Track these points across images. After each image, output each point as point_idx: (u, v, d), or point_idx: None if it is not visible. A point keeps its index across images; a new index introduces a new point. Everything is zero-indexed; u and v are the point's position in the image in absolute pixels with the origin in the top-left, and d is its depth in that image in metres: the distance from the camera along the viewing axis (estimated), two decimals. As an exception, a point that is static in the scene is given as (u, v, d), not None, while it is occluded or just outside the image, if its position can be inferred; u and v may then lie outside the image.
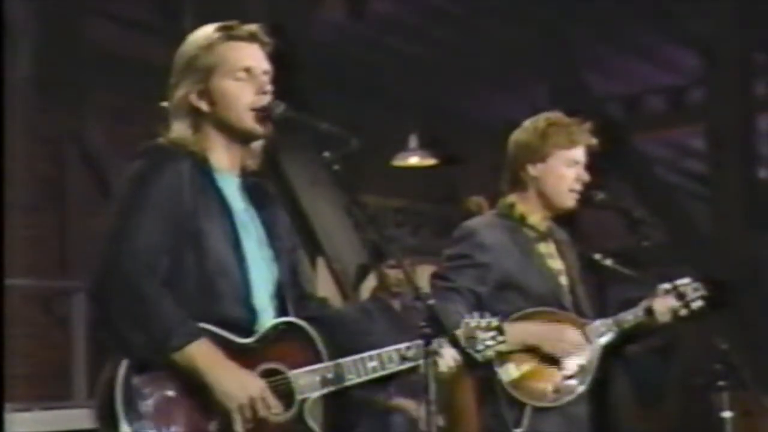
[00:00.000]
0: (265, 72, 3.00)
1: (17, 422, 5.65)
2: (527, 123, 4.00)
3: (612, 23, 9.13)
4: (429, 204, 10.21)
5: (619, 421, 8.58)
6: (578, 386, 3.83)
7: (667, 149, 11.56)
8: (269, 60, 3.02)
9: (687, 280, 4.01)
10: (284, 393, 2.86)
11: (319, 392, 2.92)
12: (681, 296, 3.97)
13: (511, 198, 3.99)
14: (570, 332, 3.83)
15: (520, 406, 3.76)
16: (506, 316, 3.51)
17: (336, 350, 2.96)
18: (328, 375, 2.93)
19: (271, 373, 2.85)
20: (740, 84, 9.09)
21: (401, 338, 3.03)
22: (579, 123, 3.97)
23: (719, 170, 9.23)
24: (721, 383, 3.89)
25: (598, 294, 4.14)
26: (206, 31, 3.00)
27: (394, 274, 5.65)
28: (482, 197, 5.13)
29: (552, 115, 3.98)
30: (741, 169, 9.09)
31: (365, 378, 2.98)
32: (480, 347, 3.18)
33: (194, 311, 2.79)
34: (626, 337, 3.96)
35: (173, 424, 2.74)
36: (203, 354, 2.75)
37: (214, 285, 2.85)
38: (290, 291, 3.01)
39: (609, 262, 4.11)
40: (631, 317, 3.93)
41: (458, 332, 3.13)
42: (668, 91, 10.58)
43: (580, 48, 9.54)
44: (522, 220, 3.95)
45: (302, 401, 2.89)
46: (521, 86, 9.50)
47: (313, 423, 2.90)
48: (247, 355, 2.83)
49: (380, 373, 3.00)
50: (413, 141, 9.36)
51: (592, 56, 9.68)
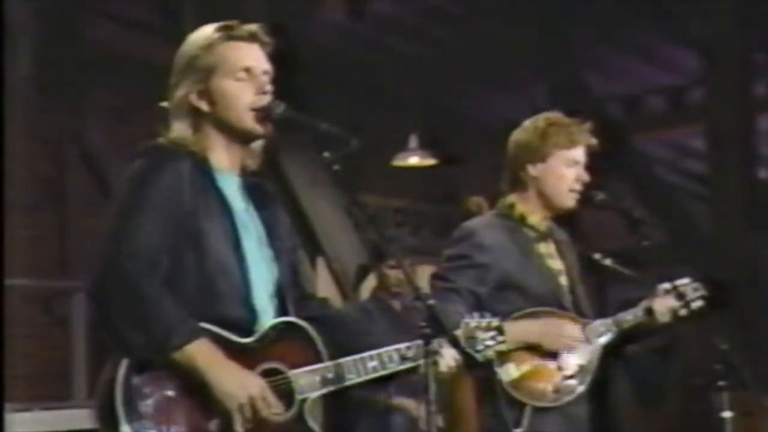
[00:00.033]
0: (265, 72, 3.00)
1: (17, 422, 5.64)
2: (527, 123, 3.99)
3: (612, 23, 9.13)
4: (429, 204, 10.20)
5: (619, 421, 8.56)
6: (578, 386, 3.83)
7: (667, 149, 11.55)
8: (269, 60, 3.02)
9: (687, 280, 4.01)
10: (284, 393, 2.86)
11: (319, 392, 2.92)
12: (681, 296, 3.97)
13: (511, 198, 3.99)
14: (570, 327, 3.84)
15: (520, 406, 3.76)
16: (506, 316, 3.52)
17: (336, 350, 2.97)
18: (329, 375, 2.93)
19: (271, 373, 2.85)
20: (740, 84, 9.08)
21: (401, 338, 3.03)
22: (579, 123, 3.97)
23: (719, 170, 9.22)
24: (721, 383, 3.88)
25: (598, 294, 4.14)
26: (206, 31, 3.00)
27: (394, 275, 5.64)
28: (482, 197, 5.13)
29: (552, 115, 3.98)
30: (741, 169, 9.08)
31: (365, 378, 2.98)
32: (480, 347, 3.18)
33: (194, 311, 2.79)
34: (626, 337, 3.96)
35: (173, 424, 2.74)
36: (203, 353, 2.75)
37: (215, 285, 2.85)
38: (290, 291, 3.01)
39: (609, 262, 4.11)
40: (631, 317, 3.93)
41: (458, 332, 3.13)
42: (668, 91, 10.57)
43: (580, 48, 9.54)
44: (522, 220, 3.95)
45: (302, 401, 2.88)
46: (521, 86, 9.49)
47: (313, 423, 2.90)
48: (247, 355, 2.83)
49: (380, 373, 3.00)
50: (413, 141, 9.35)
51: (592, 56, 9.68)
